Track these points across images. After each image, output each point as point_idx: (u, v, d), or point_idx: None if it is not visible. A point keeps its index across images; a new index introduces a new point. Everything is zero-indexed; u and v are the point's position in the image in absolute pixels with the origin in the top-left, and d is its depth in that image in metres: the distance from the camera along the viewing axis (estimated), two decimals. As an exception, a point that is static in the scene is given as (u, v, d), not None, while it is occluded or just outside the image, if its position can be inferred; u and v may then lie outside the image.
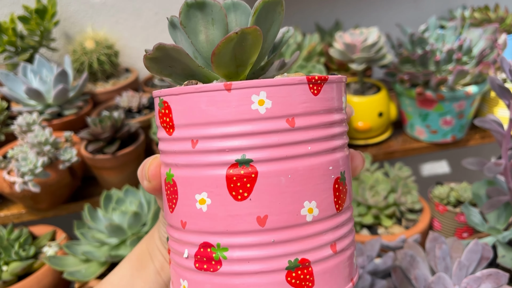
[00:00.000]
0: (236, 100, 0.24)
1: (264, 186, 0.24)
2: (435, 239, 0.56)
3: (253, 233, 0.25)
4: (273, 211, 0.25)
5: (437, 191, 0.77)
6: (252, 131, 0.24)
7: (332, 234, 0.27)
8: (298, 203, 0.25)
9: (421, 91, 0.76)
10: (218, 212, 0.25)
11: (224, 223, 0.25)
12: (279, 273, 0.25)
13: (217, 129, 0.24)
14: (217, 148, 0.25)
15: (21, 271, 0.67)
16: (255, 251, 0.25)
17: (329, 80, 0.26)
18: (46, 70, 0.83)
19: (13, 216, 0.76)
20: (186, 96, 0.25)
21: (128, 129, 0.74)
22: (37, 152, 0.66)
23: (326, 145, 0.26)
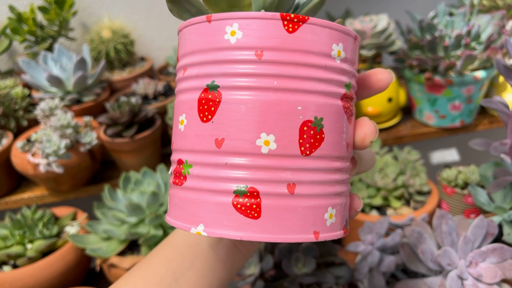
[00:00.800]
0: (213, 30, 0.26)
1: (225, 111, 0.26)
2: (441, 216, 0.58)
3: (210, 153, 0.27)
4: (230, 136, 0.26)
5: (445, 174, 0.79)
6: (222, 59, 0.26)
7: (293, 174, 0.26)
8: (255, 133, 0.26)
9: (429, 76, 0.77)
10: (189, 132, 0.28)
11: (191, 142, 0.27)
12: (227, 195, 0.26)
13: (197, 57, 0.27)
14: (196, 74, 0.27)
15: (45, 248, 0.71)
16: (210, 170, 0.27)
17: (310, 22, 0.26)
18: (66, 59, 0.86)
19: (37, 198, 0.80)
20: (184, 30, 0.29)
21: (146, 114, 0.77)
22: (60, 135, 0.69)
23: (297, 85, 0.26)
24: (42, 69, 0.83)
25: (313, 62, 0.26)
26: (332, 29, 0.27)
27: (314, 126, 0.26)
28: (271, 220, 0.26)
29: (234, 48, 0.26)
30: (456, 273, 0.53)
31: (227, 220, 0.26)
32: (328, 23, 0.27)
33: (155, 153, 0.81)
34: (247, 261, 0.39)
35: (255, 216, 0.26)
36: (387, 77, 0.32)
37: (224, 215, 0.26)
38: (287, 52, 0.26)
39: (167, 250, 0.37)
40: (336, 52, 0.27)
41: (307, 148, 0.26)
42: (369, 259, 0.60)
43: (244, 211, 0.26)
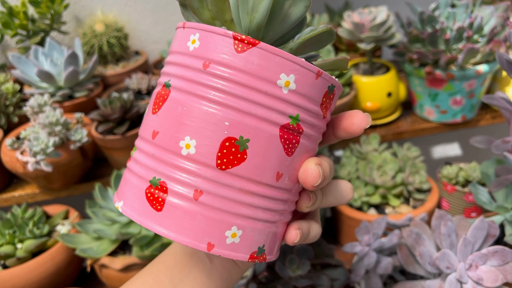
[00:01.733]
0: (183, 36, 0.29)
1: (167, 108, 0.29)
2: (441, 216, 0.56)
3: (146, 142, 0.30)
4: (162, 131, 0.28)
5: (445, 171, 0.76)
6: (178, 62, 0.29)
7: (203, 183, 0.27)
8: (180, 134, 0.28)
9: (430, 70, 0.75)
10: (144, 120, 0.31)
11: (142, 128, 0.31)
12: (144, 182, 0.29)
13: (169, 57, 0.31)
14: (163, 71, 0.31)
15: (35, 249, 0.69)
16: (142, 156, 0.30)
17: (261, 46, 0.27)
18: (57, 53, 0.84)
19: (27, 196, 0.78)
20: (177, 31, 0.31)
21: (138, 110, 0.75)
22: (48, 133, 0.67)
23: (231, 102, 0.27)
24: (32, 64, 0.81)
25: (254, 85, 0.27)
26: (284, 59, 0.27)
27: (237, 145, 0.27)
28: (170, 218, 0.28)
29: (189, 55, 0.28)
30: (455, 277, 0.51)
31: (137, 204, 0.29)
32: (281, 52, 0.27)
33: (148, 150, 0.79)
34: (243, 273, 0.40)
35: (158, 208, 0.28)
36: (361, 122, 0.31)
37: (136, 199, 0.29)
38: (231, 69, 0.27)
39: (167, 258, 0.38)
40: (283, 82, 0.27)
41: (224, 163, 0.27)
42: (366, 261, 0.58)
43: (151, 201, 0.28)
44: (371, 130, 0.83)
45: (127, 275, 0.66)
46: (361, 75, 0.83)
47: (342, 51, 0.94)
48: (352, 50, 0.93)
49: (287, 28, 0.31)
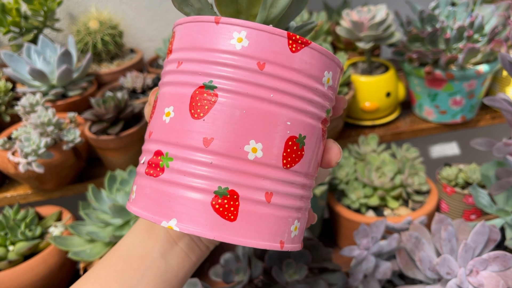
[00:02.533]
0: (220, 32, 0.27)
1: (219, 112, 0.27)
2: (441, 220, 0.55)
3: (196, 150, 0.27)
4: (220, 137, 0.27)
5: (445, 173, 0.75)
6: (224, 62, 0.27)
7: (272, 184, 0.28)
8: (245, 139, 0.27)
9: (430, 70, 0.74)
10: (176, 125, 0.28)
11: (177, 135, 0.28)
12: (207, 194, 0.27)
13: (197, 54, 0.28)
14: (193, 70, 0.28)
15: (27, 251, 0.68)
16: (193, 166, 0.27)
17: (312, 46, 0.28)
18: (50, 51, 0.83)
19: (20, 197, 0.77)
20: (186, 25, 0.29)
21: (132, 110, 0.73)
22: (40, 133, 0.65)
23: (290, 101, 0.27)
24: (24, 62, 0.79)
25: (307, 83, 0.28)
26: (327, 57, 0.29)
27: (297, 143, 0.28)
28: (245, 225, 0.27)
29: (238, 54, 0.27)
30: (456, 283, 0.50)
31: (203, 219, 0.26)
32: (325, 51, 0.28)
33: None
34: (196, 267, 0.39)
35: (231, 218, 0.27)
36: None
37: (200, 213, 0.27)
38: (286, 69, 0.27)
39: (115, 262, 0.35)
40: (326, 79, 0.29)
41: (288, 162, 0.28)
42: (364, 265, 0.57)
43: (221, 212, 0.27)
44: (370, 130, 0.82)
45: (121, 279, 0.65)
46: (360, 74, 0.81)
47: (341, 50, 0.93)
48: (350, 49, 0.92)
49: (288, 20, 0.33)
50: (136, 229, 0.38)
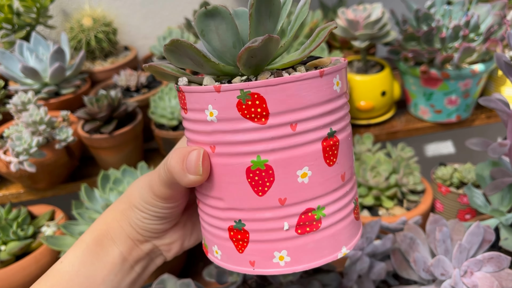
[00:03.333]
0: (325, 84, 0.29)
1: (343, 150, 0.31)
2: (435, 221, 0.55)
3: (339, 189, 0.32)
4: (347, 168, 0.32)
5: (440, 172, 0.75)
6: (334, 108, 0.30)
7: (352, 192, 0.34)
8: (352, 170, 0.34)
9: (425, 69, 0.73)
10: (317, 180, 0.30)
11: (322, 187, 0.30)
12: (351, 212, 0.33)
13: (313, 111, 0.29)
14: (314, 126, 0.29)
15: (18, 251, 0.67)
16: (340, 202, 0.32)
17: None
18: (43, 48, 0.82)
19: (12, 196, 0.76)
20: (285, 85, 0.28)
21: (125, 108, 0.72)
22: (32, 132, 0.65)
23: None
24: (17, 59, 0.78)
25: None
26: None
27: None
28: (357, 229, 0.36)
29: (339, 96, 0.30)
30: (450, 284, 0.50)
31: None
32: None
33: (136, 149, 0.77)
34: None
35: (357, 218, 0.35)
36: None
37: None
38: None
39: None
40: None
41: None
42: (359, 266, 0.57)
43: (356, 215, 0.35)
44: (365, 129, 0.82)
45: (114, 279, 0.64)
46: (355, 73, 0.81)
47: (336, 48, 0.92)
48: (346, 47, 0.92)
49: None
50: (79, 250, 0.36)
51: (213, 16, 0.28)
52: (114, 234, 0.37)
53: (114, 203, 0.39)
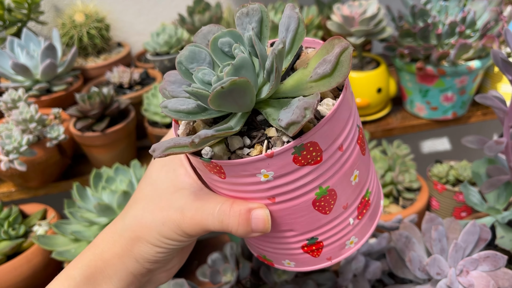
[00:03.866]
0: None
1: (364, 141, 0.34)
2: (431, 220, 0.54)
3: (371, 169, 0.36)
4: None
5: (436, 170, 0.75)
6: (351, 125, 0.31)
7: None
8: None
9: (421, 66, 0.73)
10: (363, 173, 0.33)
11: (366, 175, 0.34)
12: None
13: (348, 126, 0.30)
14: (352, 136, 0.31)
15: (10, 251, 0.66)
16: (375, 179, 0.37)
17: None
18: (34, 44, 0.81)
19: (3, 195, 0.75)
20: (331, 120, 0.28)
21: (118, 106, 0.71)
22: (22, 130, 0.63)
23: None
24: (7, 56, 0.77)
25: None
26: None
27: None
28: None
29: (347, 119, 0.33)
30: (446, 283, 0.49)
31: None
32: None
33: (129, 147, 0.76)
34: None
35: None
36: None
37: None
38: None
39: None
40: None
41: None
42: (354, 265, 0.56)
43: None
44: (361, 126, 0.81)
45: (107, 279, 0.63)
46: (351, 70, 0.80)
47: (331, 44, 0.91)
48: (341, 43, 0.91)
49: None
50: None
51: (231, 92, 0.25)
52: (113, 272, 0.34)
53: (109, 234, 0.35)
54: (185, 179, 0.33)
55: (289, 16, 0.30)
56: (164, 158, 0.35)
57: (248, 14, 0.29)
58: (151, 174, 0.35)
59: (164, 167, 0.35)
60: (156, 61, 0.88)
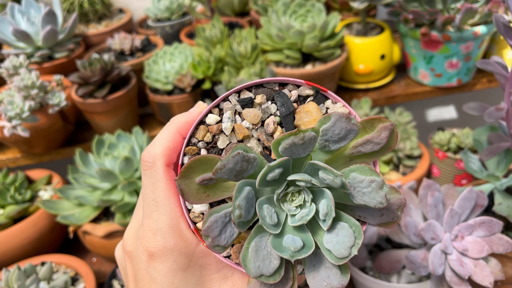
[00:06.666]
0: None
1: None
2: (428, 186, 0.54)
3: None
4: None
5: (437, 137, 0.74)
6: None
7: None
8: None
9: (426, 31, 0.71)
10: None
11: None
12: None
13: None
14: None
15: (16, 215, 0.68)
16: None
17: None
18: (34, 11, 0.80)
19: (9, 161, 0.76)
20: None
21: (119, 72, 0.71)
22: (24, 96, 0.64)
23: None
24: (8, 22, 0.76)
25: None
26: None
27: None
28: None
29: None
30: (440, 247, 0.50)
31: None
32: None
33: (131, 114, 0.76)
34: None
35: None
36: None
37: None
38: None
39: None
40: None
41: None
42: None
43: None
44: (363, 94, 0.80)
45: (111, 242, 0.65)
46: (355, 35, 0.79)
47: (336, 10, 0.89)
48: (346, 9, 0.89)
49: None
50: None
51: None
52: None
53: None
54: None
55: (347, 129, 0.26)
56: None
57: (304, 144, 0.24)
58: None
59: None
60: (157, 28, 0.87)
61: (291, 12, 0.73)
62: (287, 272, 0.26)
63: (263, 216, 0.25)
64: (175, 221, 0.27)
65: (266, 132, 0.28)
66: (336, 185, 0.24)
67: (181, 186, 0.25)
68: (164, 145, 0.28)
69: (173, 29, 0.86)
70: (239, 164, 0.24)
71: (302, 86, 0.29)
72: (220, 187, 0.27)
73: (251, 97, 0.28)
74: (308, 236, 0.26)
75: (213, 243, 0.25)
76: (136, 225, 0.30)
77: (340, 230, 0.25)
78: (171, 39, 0.87)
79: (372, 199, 0.24)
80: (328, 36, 0.72)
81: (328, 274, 0.26)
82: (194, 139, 0.28)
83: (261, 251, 0.25)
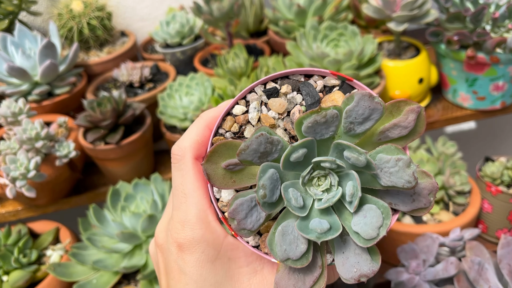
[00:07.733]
0: None
1: None
2: (508, 244, 0.47)
3: None
4: None
5: (488, 169, 0.67)
6: None
7: None
8: None
9: (472, 54, 0.64)
10: None
11: None
12: None
13: None
14: None
15: (24, 284, 0.59)
16: None
17: None
18: (29, 42, 0.71)
19: (9, 214, 0.67)
20: None
21: (133, 113, 0.63)
22: (27, 150, 0.55)
23: None
24: (1, 58, 0.67)
25: None
26: None
27: None
28: None
29: None
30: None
31: None
32: None
33: (146, 157, 0.68)
34: None
35: None
36: None
37: None
38: None
39: None
40: None
41: None
42: (417, 293, 0.50)
43: None
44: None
45: (135, 310, 0.57)
46: (387, 58, 0.72)
47: (362, 27, 0.82)
48: (372, 26, 0.82)
49: None
50: None
51: None
52: None
53: None
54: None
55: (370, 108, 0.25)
56: None
57: (326, 122, 0.24)
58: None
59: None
60: (167, 54, 0.78)
61: (322, 37, 0.65)
62: (315, 260, 0.26)
63: (289, 199, 0.24)
64: (203, 212, 0.28)
65: (292, 122, 0.28)
66: (361, 163, 0.23)
67: (208, 170, 0.26)
68: (193, 139, 0.29)
69: (185, 55, 0.77)
70: (263, 146, 0.24)
71: (327, 76, 0.29)
72: (247, 174, 0.27)
73: (277, 87, 0.28)
74: (335, 219, 0.25)
75: (239, 226, 0.25)
76: (167, 218, 0.31)
77: (368, 212, 0.25)
78: (183, 66, 0.78)
79: (399, 178, 0.24)
80: (365, 63, 0.64)
81: (358, 260, 0.25)
82: (222, 130, 0.28)
83: (288, 235, 0.25)
